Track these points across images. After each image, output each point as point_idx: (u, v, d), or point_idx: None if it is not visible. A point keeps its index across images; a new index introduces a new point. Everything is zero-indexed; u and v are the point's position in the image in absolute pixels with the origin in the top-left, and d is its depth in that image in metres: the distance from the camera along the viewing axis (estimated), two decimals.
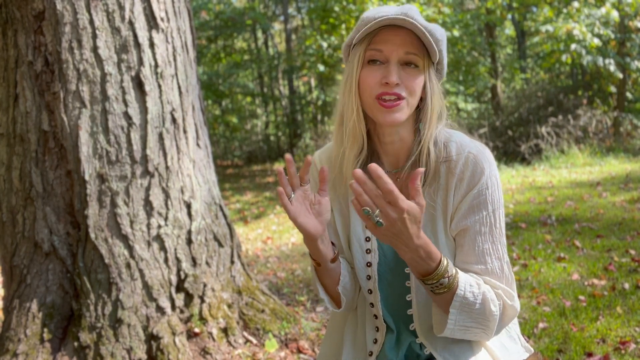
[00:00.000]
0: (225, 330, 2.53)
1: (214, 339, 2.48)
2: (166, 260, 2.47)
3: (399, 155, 1.25)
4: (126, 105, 2.39)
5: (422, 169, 1.00)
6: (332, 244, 1.26)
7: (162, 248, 2.46)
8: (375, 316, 1.29)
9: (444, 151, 1.21)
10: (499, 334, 1.26)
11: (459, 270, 1.13)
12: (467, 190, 1.17)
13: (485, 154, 1.19)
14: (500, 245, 1.18)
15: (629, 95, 11.94)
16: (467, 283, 1.12)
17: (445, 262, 1.09)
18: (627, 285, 3.15)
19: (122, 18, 2.36)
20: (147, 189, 2.44)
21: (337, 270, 1.26)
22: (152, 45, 2.45)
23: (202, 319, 2.51)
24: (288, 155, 1.14)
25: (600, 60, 10.19)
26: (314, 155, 1.37)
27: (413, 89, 1.15)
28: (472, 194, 1.17)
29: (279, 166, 14.72)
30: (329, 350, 1.39)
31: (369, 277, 1.27)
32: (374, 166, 0.95)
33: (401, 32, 1.14)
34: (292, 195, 1.14)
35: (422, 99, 1.19)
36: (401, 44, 1.13)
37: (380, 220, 0.99)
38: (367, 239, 1.27)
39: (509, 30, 16.43)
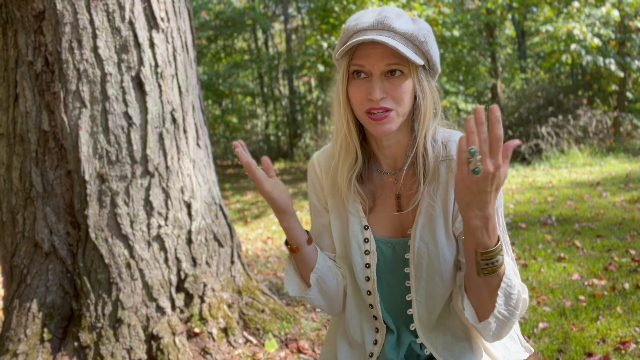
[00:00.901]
0: (225, 330, 2.53)
1: (214, 339, 2.48)
2: (166, 260, 2.47)
3: (397, 157, 1.25)
4: (126, 105, 2.39)
5: (518, 142, 0.98)
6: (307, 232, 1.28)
7: (162, 248, 2.46)
8: (375, 317, 1.29)
9: (444, 150, 1.21)
10: None
11: None
12: None
13: None
14: (505, 243, 1.18)
15: (629, 95, 11.95)
16: (508, 267, 1.09)
17: (500, 241, 1.06)
18: (627, 285, 3.15)
19: (122, 18, 2.36)
20: (147, 189, 2.44)
21: (314, 256, 1.28)
22: (152, 45, 2.45)
23: (202, 319, 2.51)
24: (236, 142, 1.23)
25: (600, 60, 10.19)
26: (312, 158, 1.37)
27: (400, 98, 1.14)
28: None
29: (279, 166, 14.56)
30: (329, 352, 1.39)
31: (367, 279, 1.27)
32: (494, 108, 0.93)
33: (380, 43, 1.12)
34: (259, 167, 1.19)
35: (415, 101, 1.19)
36: (381, 56, 1.12)
37: (480, 167, 0.96)
38: (366, 240, 1.27)
39: (509, 30, 16.43)
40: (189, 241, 2.55)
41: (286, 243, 1.28)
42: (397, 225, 1.26)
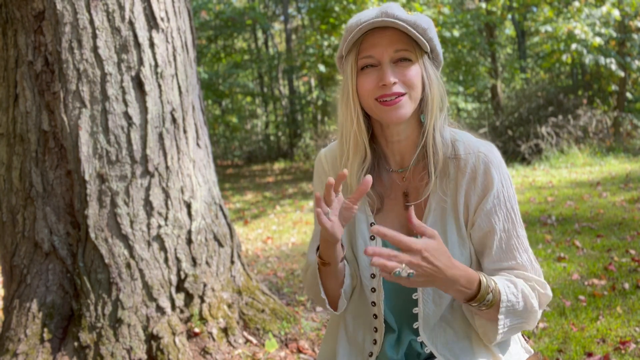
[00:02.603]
0: (225, 330, 2.53)
1: (214, 339, 2.48)
2: (166, 260, 2.47)
3: (405, 154, 1.26)
4: (126, 105, 2.39)
5: (413, 212, 1.03)
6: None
7: (162, 248, 2.46)
8: (375, 316, 1.28)
9: (452, 149, 1.21)
10: None
11: (494, 279, 1.14)
12: (485, 191, 1.18)
13: (494, 153, 1.21)
14: (523, 238, 1.21)
15: (629, 95, 11.95)
16: (505, 286, 1.13)
17: (484, 280, 1.10)
18: (627, 285, 3.16)
19: (122, 18, 2.36)
20: (147, 189, 2.44)
21: (343, 271, 1.25)
22: (152, 45, 2.45)
23: (202, 319, 2.51)
24: (330, 180, 1.08)
25: (601, 59, 10.18)
26: (320, 153, 1.36)
27: (411, 81, 1.15)
28: (492, 195, 1.18)
29: (279, 166, 14.49)
30: (328, 351, 1.39)
31: (373, 276, 1.27)
32: (375, 228, 0.99)
33: (386, 32, 1.14)
34: (329, 211, 1.11)
35: (422, 90, 1.19)
36: (389, 43, 1.14)
37: (411, 272, 1.00)
38: (372, 238, 1.27)
39: (509, 30, 16.43)
40: (189, 241, 2.55)
41: (319, 256, 1.23)
42: (404, 223, 1.26)
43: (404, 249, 1.00)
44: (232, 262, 2.76)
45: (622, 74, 10.67)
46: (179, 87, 2.57)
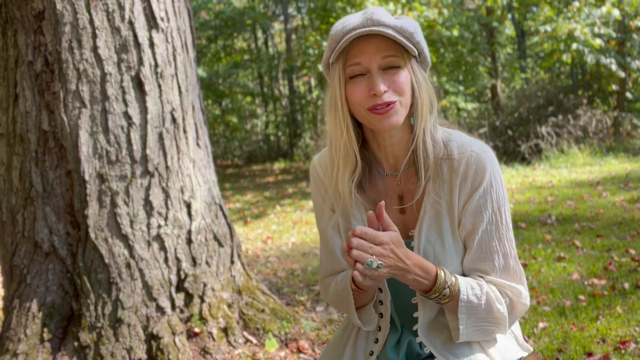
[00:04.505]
0: (225, 330, 2.54)
1: (214, 339, 2.48)
2: (166, 260, 2.47)
3: (398, 157, 1.25)
4: (126, 105, 2.39)
5: (382, 203, 1.10)
6: None
7: (162, 248, 2.46)
8: (381, 315, 1.29)
9: (445, 150, 1.21)
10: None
11: (458, 277, 1.15)
12: (472, 190, 1.18)
13: (487, 152, 1.20)
14: (507, 241, 1.19)
15: (628, 95, 11.94)
16: (469, 286, 1.14)
17: (442, 274, 1.13)
18: (627, 285, 3.15)
19: (122, 18, 2.36)
20: (147, 188, 2.44)
21: (376, 287, 1.26)
22: (152, 45, 2.45)
23: (202, 319, 2.51)
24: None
25: (602, 59, 10.17)
26: (313, 161, 1.36)
27: (401, 88, 1.15)
28: (478, 194, 1.17)
29: (279, 166, 14.46)
30: (333, 350, 1.39)
31: None
32: (357, 229, 1.07)
33: (373, 39, 1.13)
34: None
35: (412, 94, 1.19)
36: (376, 51, 1.13)
37: (380, 263, 1.06)
38: None
39: (509, 30, 16.42)
40: (189, 241, 2.55)
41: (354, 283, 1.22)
42: (400, 226, 1.26)
43: (375, 240, 1.06)
44: (232, 262, 2.76)
45: (622, 74, 10.66)
46: (179, 87, 2.57)
